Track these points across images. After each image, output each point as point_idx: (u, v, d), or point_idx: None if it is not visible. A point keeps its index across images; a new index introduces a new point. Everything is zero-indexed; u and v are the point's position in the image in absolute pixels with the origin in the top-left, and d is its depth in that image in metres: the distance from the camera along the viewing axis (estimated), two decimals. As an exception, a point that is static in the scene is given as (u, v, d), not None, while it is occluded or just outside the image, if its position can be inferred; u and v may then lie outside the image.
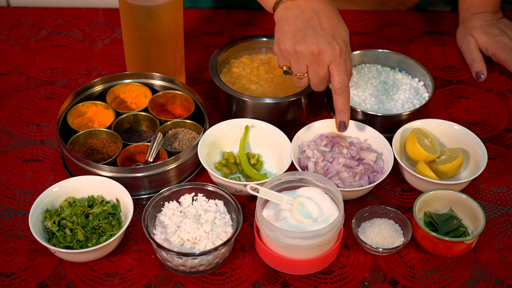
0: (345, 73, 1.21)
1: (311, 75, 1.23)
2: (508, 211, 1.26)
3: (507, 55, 1.50)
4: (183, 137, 1.32)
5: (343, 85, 1.22)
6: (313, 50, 1.19)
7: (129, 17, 1.34)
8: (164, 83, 1.39)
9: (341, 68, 1.21)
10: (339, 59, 1.20)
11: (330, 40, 1.19)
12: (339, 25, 1.22)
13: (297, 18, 1.21)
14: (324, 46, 1.19)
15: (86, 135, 1.31)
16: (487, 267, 1.17)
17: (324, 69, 1.21)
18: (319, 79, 1.23)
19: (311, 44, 1.19)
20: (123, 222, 1.19)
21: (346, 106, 1.23)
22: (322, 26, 1.20)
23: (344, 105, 1.23)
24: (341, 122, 1.24)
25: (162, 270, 1.16)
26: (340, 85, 1.21)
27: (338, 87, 1.22)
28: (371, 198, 1.28)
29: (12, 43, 1.58)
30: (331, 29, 1.20)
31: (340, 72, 1.21)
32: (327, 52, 1.19)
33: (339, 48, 1.19)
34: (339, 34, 1.21)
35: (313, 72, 1.22)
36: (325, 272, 1.17)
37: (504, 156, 1.36)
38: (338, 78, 1.21)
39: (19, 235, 1.21)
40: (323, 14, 1.21)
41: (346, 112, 1.24)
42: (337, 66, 1.20)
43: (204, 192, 1.21)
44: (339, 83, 1.21)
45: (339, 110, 1.24)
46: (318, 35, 1.19)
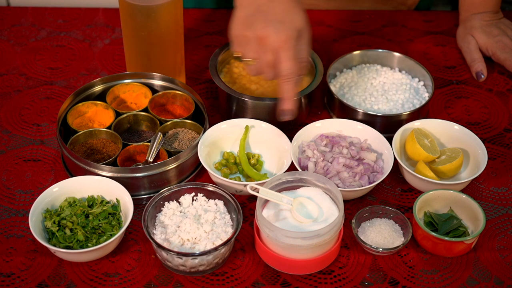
0: (293, 60, 1.17)
1: (258, 61, 1.19)
2: (508, 211, 1.26)
3: (507, 55, 1.50)
4: (183, 137, 1.32)
5: (289, 72, 1.18)
6: (259, 34, 1.17)
7: (129, 17, 1.34)
8: (164, 83, 1.39)
9: (288, 54, 1.17)
10: (286, 44, 1.16)
11: (277, 25, 1.16)
12: (292, 11, 1.18)
13: (251, 4, 1.19)
14: (270, 31, 1.16)
15: (86, 135, 1.31)
16: (487, 267, 1.17)
17: (270, 55, 1.17)
18: (265, 65, 1.19)
19: (258, 29, 1.17)
20: (123, 222, 1.19)
21: (291, 93, 1.20)
22: (273, 11, 1.17)
23: (288, 92, 1.20)
24: (283, 111, 1.22)
25: (162, 270, 1.16)
26: (286, 71, 1.18)
27: (284, 73, 1.18)
28: (371, 198, 1.28)
29: (12, 43, 1.58)
30: (282, 15, 1.17)
31: (286, 58, 1.17)
32: (272, 36, 1.16)
33: (286, 34, 1.16)
34: (290, 20, 1.17)
35: (260, 57, 1.19)
36: (325, 272, 1.17)
37: (504, 156, 1.36)
38: (284, 65, 1.17)
39: (19, 235, 1.21)
40: (277, 1, 1.18)
41: (289, 100, 1.21)
42: (283, 51, 1.17)
43: (204, 192, 1.21)
44: (285, 69, 1.18)
45: (283, 97, 1.21)
46: (267, 19, 1.17)
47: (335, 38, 1.62)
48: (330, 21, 1.66)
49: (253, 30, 1.17)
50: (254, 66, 1.21)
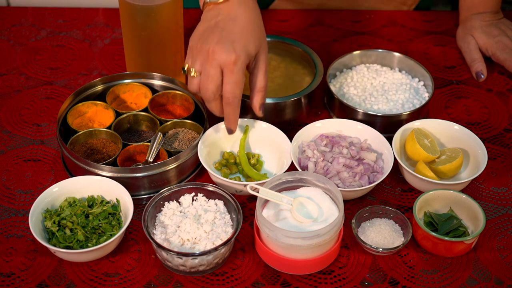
0: (236, 83, 1.17)
1: (202, 73, 1.18)
2: (508, 211, 1.26)
3: (507, 55, 1.50)
4: (183, 137, 1.32)
5: (231, 95, 1.18)
6: (210, 48, 1.16)
7: (129, 17, 1.34)
8: (164, 83, 1.39)
9: (234, 77, 1.16)
10: (233, 66, 1.15)
11: (229, 44, 1.16)
12: (248, 35, 1.18)
13: (212, 19, 1.19)
14: (219, 48, 1.15)
15: (86, 135, 1.31)
16: (487, 267, 1.17)
17: (215, 70, 1.16)
18: (207, 78, 1.17)
19: (210, 42, 1.16)
20: (123, 222, 1.19)
21: (233, 116, 1.21)
22: (230, 29, 1.17)
23: (230, 115, 1.21)
24: (228, 128, 1.24)
25: (162, 270, 1.16)
26: (227, 94, 1.18)
27: (225, 96, 1.18)
28: (371, 198, 1.28)
29: (12, 43, 1.58)
30: (238, 36, 1.17)
31: (230, 81, 1.17)
32: (220, 54, 1.15)
33: (235, 55, 1.15)
34: (243, 43, 1.16)
35: (204, 69, 1.18)
36: (325, 272, 1.17)
37: (504, 156, 1.36)
38: (227, 87, 1.17)
39: (19, 235, 1.21)
40: (238, 20, 1.18)
41: (232, 122, 1.23)
42: (229, 73, 1.16)
43: (204, 192, 1.21)
44: (227, 92, 1.17)
45: (226, 118, 1.22)
46: (221, 36, 1.16)
47: (335, 38, 1.62)
48: (330, 21, 1.66)
49: (205, 43, 1.17)
50: (196, 80, 1.20)
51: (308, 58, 1.43)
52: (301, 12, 1.68)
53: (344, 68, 1.48)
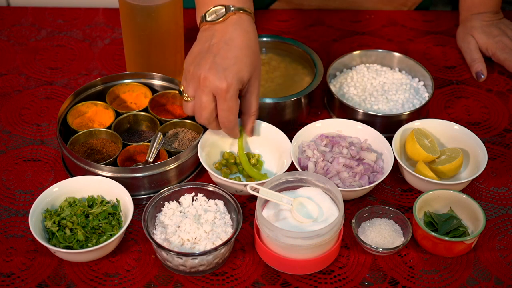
0: (230, 110, 1.17)
1: (195, 99, 1.19)
2: (508, 211, 1.26)
3: (507, 55, 1.50)
4: (183, 137, 1.32)
5: (226, 121, 1.19)
6: (202, 74, 1.15)
7: (129, 17, 1.34)
8: (164, 83, 1.39)
9: (227, 104, 1.17)
10: (225, 94, 1.15)
11: (220, 71, 1.15)
12: (241, 62, 1.16)
13: (206, 41, 1.18)
14: (211, 74, 1.15)
15: (86, 135, 1.31)
16: (487, 267, 1.17)
17: (207, 97, 1.17)
18: (199, 106, 1.18)
19: (202, 68, 1.16)
20: (123, 222, 1.19)
21: (232, 134, 1.24)
22: (223, 55, 1.16)
23: (230, 134, 1.24)
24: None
25: (162, 270, 1.16)
26: (222, 119, 1.19)
27: (221, 121, 1.20)
28: (371, 198, 1.28)
29: (12, 43, 1.58)
30: (231, 62, 1.15)
31: (223, 108, 1.17)
32: (212, 82, 1.15)
33: (226, 83, 1.14)
34: (236, 70, 1.15)
35: (197, 96, 1.18)
36: (325, 272, 1.17)
37: (504, 156, 1.36)
38: (221, 113, 1.18)
39: (19, 235, 1.21)
40: (232, 44, 1.17)
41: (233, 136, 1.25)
42: (222, 100, 1.16)
43: (204, 192, 1.21)
44: (222, 117, 1.19)
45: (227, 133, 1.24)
46: (213, 62, 1.15)
47: (335, 38, 1.62)
48: (330, 21, 1.66)
49: (197, 69, 1.16)
50: (190, 104, 1.20)
51: (308, 58, 1.43)
52: (301, 12, 1.68)
53: (344, 68, 1.48)
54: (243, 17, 1.20)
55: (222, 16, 1.19)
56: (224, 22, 1.19)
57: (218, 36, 1.18)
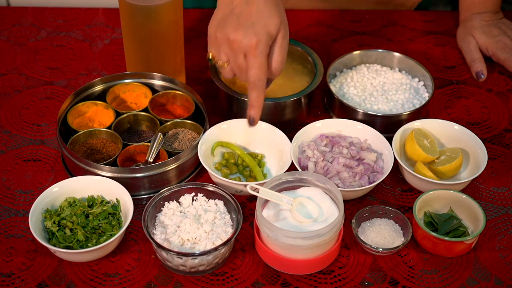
0: (260, 67, 1.15)
1: (232, 64, 1.18)
2: (508, 211, 1.26)
3: (507, 55, 1.50)
4: (183, 137, 1.32)
5: (256, 79, 1.16)
6: (229, 37, 1.15)
7: (129, 17, 1.34)
8: (164, 83, 1.39)
9: (257, 61, 1.15)
10: (255, 50, 1.14)
11: (248, 28, 1.14)
12: (267, 15, 1.15)
13: (227, 5, 1.17)
14: (239, 34, 1.14)
15: (86, 135, 1.31)
16: (487, 267, 1.17)
17: (241, 58, 1.16)
18: (238, 68, 1.18)
19: (229, 31, 1.15)
20: (123, 222, 1.19)
21: (257, 101, 1.19)
22: (246, 13, 1.15)
23: (255, 100, 1.19)
24: (250, 117, 1.21)
25: (162, 270, 1.16)
26: (252, 78, 1.16)
27: (251, 80, 1.17)
28: (371, 198, 1.28)
29: (12, 43, 1.58)
30: (255, 17, 1.14)
31: (254, 65, 1.15)
32: (241, 41, 1.14)
33: (256, 38, 1.13)
34: (262, 24, 1.14)
35: (232, 60, 1.18)
36: (325, 272, 1.17)
37: (504, 156, 1.36)
38: (251, 72, 1.16)
39: (19, 235, 1.21)
40: (252, 2, 1.15)
41: (256, 107, 1.20)
42: (252, 57, 1.15)
43: (204, 192, 1.21)
44: (252, 76, 1.16)
45: (250, 104, 1.20)
46: (239, 22, 1.14)
47: (335, 38, 1.62)
48: (330, 21, 1.66)
49: (224, 33, 1.16)
50: (229, 68, 1.20)
51: (308, 58, 1.43)
52: (301, 12, 1.68)
53: (344, 68, 1.48)
54: None
55: None
56: None
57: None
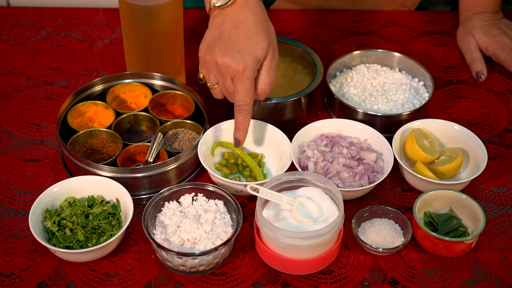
0: (246, 92, 1.18)
1: (220, 86, 1.22)
2: (508, 211, 1.26)
3: (507, 55, 1.50)
4: (183, 137, 1.32)
5: (242, 103, 1.19)
6: (217, 61, 1.18)
7: (129, 17, 1.34)
8: (164, 83, 1.39)
9: (244, 85, 1.18)
10: (242, 75, 1.17)
11: (235, 54, 1.16)
12: (254, 40, 1.18)
13: (217, 28, 1.20)
14: (226, 60, 1.17)
15: (86, 135, 1.31)
16: (487, 267, 1.17)
17: (228, 82, 1.19)
18: (226, 91, 1.21)
19: (217, 56, 1.17)
20: (123, 222, 1.19)
21: (243, 124, 1.22)
22: (234, 39, 1.18)
23: (241, 123, 1.22)
24: (236, 139, 1.24)
25: (162, 270, 1.16)
26: (239, 102, 1.19)
27: (237, 104, 1.20)
28: (371, 198, 1.28)
29: (12, 43, 1.58)
30: (243, 43, 1.17)
31: (240, 90, 1.18)
32: (228, 66, 1.17)
33: (243, 64, 1.16)
34: (249, 49, 1.17)
35: (220, 83, 1.21)
36: (325, 272, 1.17)
37: (504, 156, 1.36)
38: (238, 96, 1.19)
39: (19, 235, 1.21)
40: (241, 26, 1.18)
41: (242, 130, 1.23)
42: (239, 82, 1.18)
43: (204, 192, 1.21)
44: (238, 100, 1.19)
45: (236, 126, 1.23)
46: (227, 47, 1.17)
47: (335, 38, 1.62)
48: (330, 21, 1.66)
49: (213, 57, 1.18)
50: (218, 90, 1.23)
51: (308, 58, 1.43)
52: (301, 12, 1.68)
53: (344, 68, 1.48)
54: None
55: (229, 0, 1.19)
56: (232, 6, 1.19)
57: (227, 21, 1.19)
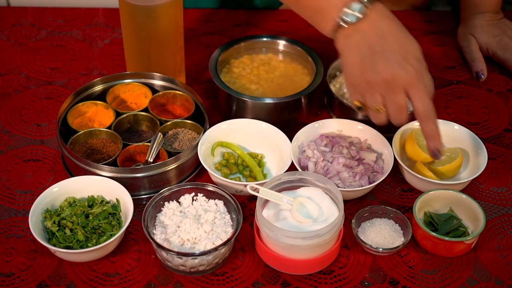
0: (426, 95, 1.11)
1: (389, 105, 1.12)
2: (508, 211, 1.26)
3: (507, 55, 1.50)
4: (183, 137, 1.32)
5: (427, 109, 1.11)
6: (386, 77, 1.09)
7: (129, 17, 1.34)
8: (164, 83, 1.39)
9: (421, 90, 1.10)
10: (416, 81, 1.10)
11: (402, 62, 1.09)
12: (408, 42, 1.12)
13: (361, 46, 1.11)
14: (397, 71, 1.09)
15: (86, 135, 1.31)
16: (487, 267, 1.17)
17: (402, 95, 1.11)
18: (398, 108, 1.12)
19: (383, 71, 1.09)
20: (123, 222, 1.19)
21: (436, 131, 1.14)
22: (390, 49, 1.10)
23: (433, 130, 1.13)
24: (434, 149, 1.15)
25: (162, 270, 1.16)
26: (423, 108, 1.11)
27: (422, 111, 1.11)
28: (371, 198, 1.28)
29: (12, 43, 1.58)
30: (401, 50, 1.10)
31: (420, 96, 1.10)
32: (401, 76, 1.09)
33: (413, 69, 1.10)
34: (410, 53, 1.11)
35: (390, 101, 1.11)
36: (325, 272, 1.17)
37: (504, 156, 1.36)
38: (420, 103, 1.10)
39: (19, 235, 1.21)
40: (389, 35, 1.11)
41: (437, 137, 1.14)
42: (415, 89, 1.10)
43: (204, 192, 1.21)
44: (421, 107, 1.11)
45: (429, 136, 1.14)
46: (388, 59, 1.09)
47: (335, 38, 1.61)
48: (330, 21, 1.66)
49: (376, 74, 1.10)
50: (384, 114, 1.14)
51: (308, 58, 1.43)
52: (301, 12, 1.67)
53: (344, 68, 1.47)
54: (379, 6, 1.12)
55: (363, 12, 1.10)
56: (367, 18, 1.10)
57: (369, 35, 1.11)
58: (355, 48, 1.11)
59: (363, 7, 1.10)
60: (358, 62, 1.11)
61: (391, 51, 1.10)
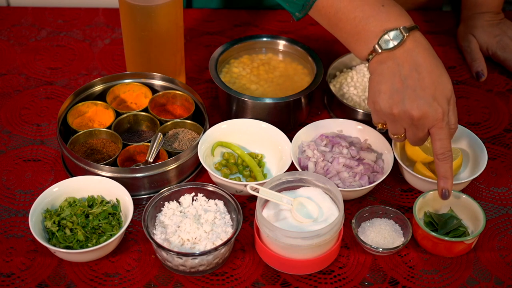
0: (447, 137, 1.12)
1: (409, 136, 1.15)
2: (508, 211, 1.26)
3: (507, 55, 1.50)
4: (183, 137, 1.32)
5: (446, 151, 1.12)
6: (413, 114, 1.09)
7: (129, 17, 1.34)
8: (164, 83, 1.39)
9: (444, 132, 1.11)
10: (441, 122, 1.10)
11: (431, 102, 1.09)
12: (441, 81, 1.10)
13: (394, 75, 1.10)
14: (425, 110, 1.09)
15: (86, 135, 1.31)
16: (487, 267, 1.17)
17: (424, 132, 1.12)
18: (418, 140, 1.15)
19: (411, 108, 1.09)
20: (123, 222, 1.19)
21: (449, 172, 1.14)
22: (422, 85, 1.09)
23: (447, 171, 1.14)
24: (444, 190, 1.16)
25: (162, 270, 1.16)
26: (442, 150, 1.12)
27: (440, 152, 1.13)
28: (371, 198, 1.28)
29: (12, 43, 1.58)
30: (433, 88, 1.09)
31: (440, 137, 1.11)
32: (428, 116, 1.09)
33: (441, 110, 1.09)
34: (441, 93, 1.10)
35: (411, 134, 1.14)
36: (325, 272, 1.17)
37: (504, 156, 1.36)
38: (440, 143, 1.12)
39: (19, 235, 1.21)
40: (423, 69, 1.10)
41: (449, 179, 1.15)
42: (438, 130, 1.11)
43: (204, 192, 1.21)
44: (441, 148, 1.12)
45: (442, 176, 1.15)
46: (418, 96, 1.09)
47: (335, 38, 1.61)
48: (330, 21, 1.66)
49: (404, 108, 1.10)
50: (402, 138, 1.17)
51: (308, 58, 1.43)
52: (301, 12, 1.67)
53: (344, 68, 1.48)
54: (416, 34, 1.12)
55: (400, 40, 1.10)
56: (403, 46, 1.10)
57: (405, 65, 1.10)
58: (388, 76, 1.11)
59: (400, 34, 1.11)
60: (388, 93, 1.11)
61: (422, 87, 1.10)
